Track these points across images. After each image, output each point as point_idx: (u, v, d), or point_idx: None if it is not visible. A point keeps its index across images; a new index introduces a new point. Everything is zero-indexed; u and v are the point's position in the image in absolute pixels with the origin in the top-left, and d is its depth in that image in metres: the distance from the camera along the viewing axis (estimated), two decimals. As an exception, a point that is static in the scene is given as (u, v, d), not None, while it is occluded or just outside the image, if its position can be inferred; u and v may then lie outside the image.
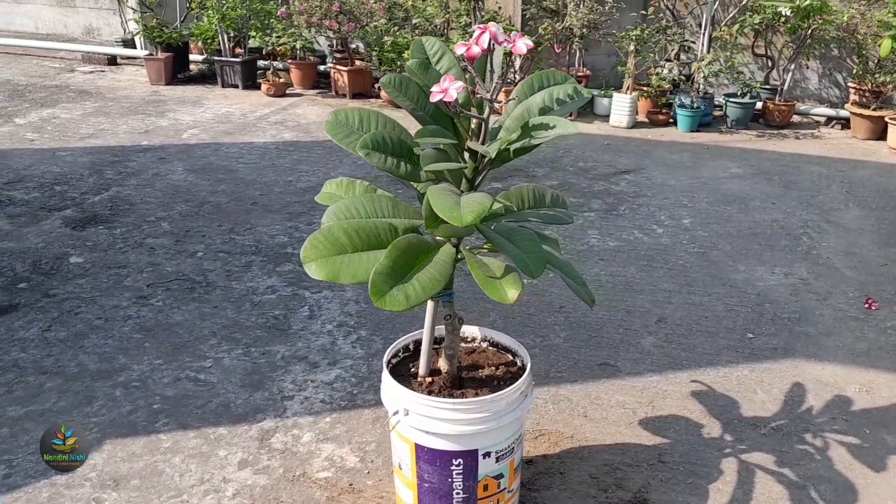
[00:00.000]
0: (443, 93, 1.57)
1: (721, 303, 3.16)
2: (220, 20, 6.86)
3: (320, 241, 1.62)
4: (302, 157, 5.04)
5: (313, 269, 1.58)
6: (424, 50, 1.81)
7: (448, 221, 1.47)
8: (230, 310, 3.03)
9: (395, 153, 1.66)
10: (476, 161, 1.75)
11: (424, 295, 1.56)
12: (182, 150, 5.12)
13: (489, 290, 1.60)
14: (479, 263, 1.66)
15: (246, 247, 3.60)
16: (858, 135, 5.80)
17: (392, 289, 1.53)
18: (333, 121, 1.74)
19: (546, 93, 1.74)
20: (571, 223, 1.95)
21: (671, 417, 2.43)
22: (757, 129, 6.05)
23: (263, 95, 6.88)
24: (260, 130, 5.71)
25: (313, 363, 2.68)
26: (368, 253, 1.64)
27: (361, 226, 1.67)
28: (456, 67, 1.79)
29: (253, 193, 4.32)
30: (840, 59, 6.26)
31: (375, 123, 1.76)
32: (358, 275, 1.59)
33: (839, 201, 4.40)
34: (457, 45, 1.60)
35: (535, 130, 1.66)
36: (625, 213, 4.13)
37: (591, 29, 6.06)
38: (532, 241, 1.70)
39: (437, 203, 1.50)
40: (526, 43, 1.63)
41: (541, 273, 1.63)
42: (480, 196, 1.57)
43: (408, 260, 1.60)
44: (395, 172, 1.65)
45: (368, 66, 6.90)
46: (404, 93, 1.70)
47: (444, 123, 1.75)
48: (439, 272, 1.62)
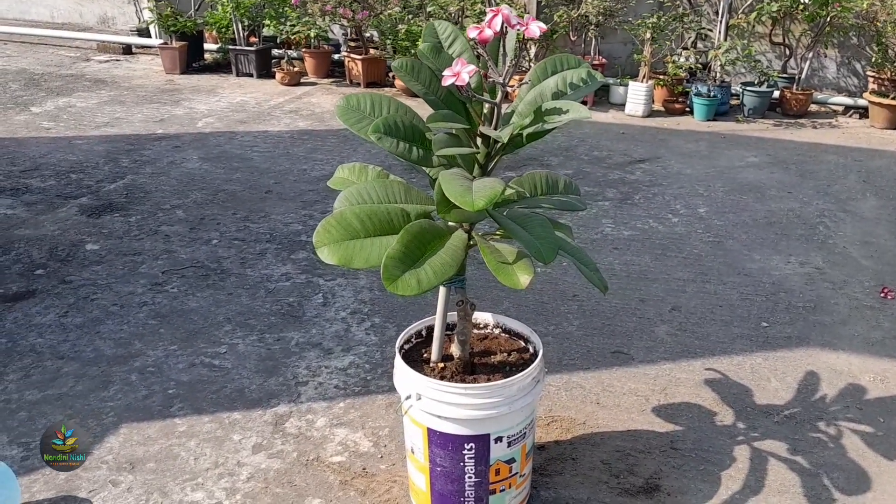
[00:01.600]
0: (455, 76, 1.57)
1: (736, 292, 3.15)
2: (234, 9, 6.88)
3: (333, 226, 1.62)
4: (316, 146, 5.05)
5: (326, 253, 1.59)
6: (436, 34, 1.81)
7: (460, 206, 1.48)
8: (245, 297, 3.05)
9: (407, 138, 1.66)
10: (488, 146, 1.75)
11: (436, 280, 1.56)
12: (197, 139, 5.14)
13: (501, 276, 1.60)
14: (490, 249, 1.66)
15: (260, 234, 3.62)
16: (877, 124, 5.74)
17: (404, 274, 1.54)
18: (345, 105, 1.74)
19: (559, 77, 1.73)
20: (584, 210, 1.95)
21: (684, 405, 2.43)
22: (774, 118, 6.00)
23: (278, 84, 6.89)
24: (274, 119, 5.72)
25: (327, 350, 2.70)
26: (381, 238, 1.64)
27: (374, 211, 1.67)
28: (468, 52, 1.79)
29: (267, 182, 4.34)
30: (859, 47, 6.19)
31: (387, 108, 1.76)
32: (370, 259, 1.60)
33: (856, 191, 4.36)
34: (469, 28, 1.60)
35: (548, 115, 1.66)
36: (639, 203, 4.11)
37: (606, 17, 6.03)
38: (544, 226, 1.70)
39: (448, 188, 1.50)
40: (539, 26, 1.62)
41: (553, 259, 1.62)
42: (492, 181, 1.57)
43: (420, 245, 1.60)
44: (406, 157, 1.65)
45: (383, 55, 6.89)
46: (416, 77, 1.70)
47: (456, 108, 1.75)
48: (451, 257, 1.62)
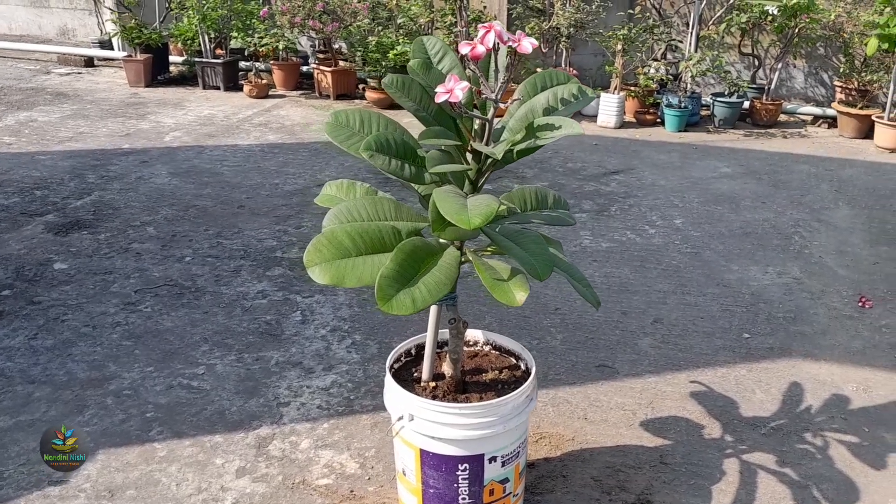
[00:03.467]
0: (448, 93, 1.54)
1: (716, 303, 3.16)
2: (200, 21, 6.78)
3: (324, 245, 1.58)
4: (288, 160, 4.99)
5: (317, 273, 1.54)
6: (425, 49, 1.78)
7: (455, 224, 1.45)
8: (221, 315, 2.97)
9: (399, 155, 1.63)
10: (479, 162, 1.72)
11: (431, 299, 1.53)
12: (165, 154, 5.05)
13: (497, 293, 1.57)
14: (485, 266, 1.63)
15: (234, 251, 3.55)
16: (845, 133, 5.84)
17: (398, 293, 1.50)
18: (334, 122, 1.70)
19: (550, 93, 1.71)
20: (574, 224, 1.93)
21: (671, 418, 2.41)
22: (744, 128, 6.07)
23: (246, 97, 6.81)
24: (244, 132, 5.64)
25: (308, 369, 2.64)
26: (373, 256, 1.60)
27: (365, 229, 1.63)
28: (458, 67, 1.77)
29: (239, 197, 4.27)
30: (826, 57, 6.30)
31: (377, 125, 1.72)
32: (363, 278, 1.56)
33: (829, 200, 4.42)
34: (461, 44, 1.57)
35: (541, 131, 1.64)
36: (616, 214, 4.12)
37: (578, 28, 6.06)
38: (538, 243, 1.67)
39: (443, 206, 1.47)
40: (531, 42, 1.61)
41: (548, 276, 1.60)
42: (486, 198, 1.54)
43: (413, 263, 1.57)
44: (399, 175, 1.61)
45: (353, 67, 6.85)
46: (407, 93, 1.66)
47: (447, 124, 1.72)
48: (445, 275, 1.58)
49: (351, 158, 5.03)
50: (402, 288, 1.52)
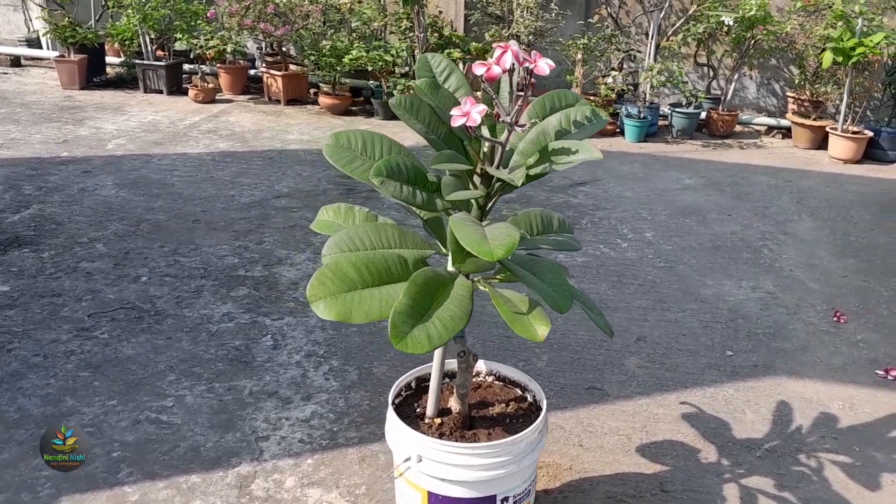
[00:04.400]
0: (464, 116, 1.44)
1: (696, 319, 3.12)
2: (141, 20, 6.50)
3: (328, 278, 1.45)
4: (241, 169, 4.79)
5: (322, 308, 1.41)
6: (430, 67, 1.67)
7: (477, 256, 1.34)
8: (185, 341, 2.79)
9: (410, 181, 1.51)
10: (488, 187, 1.62)
11: (447, 335, 1.42)
12: (109, 163, 4.79)
13: (517, 328, 1.47)
14: (503, 299, 1.52)
15: (193, 269, 3.36)
16: (800, 144, 5.94)
17: (413, 329, 1.39)
18: (334, 144, 1.57)
19: (562, 115, 1.62)
20: (579, 249, 1.84)
21: (666, 443, 2.35)
22: (701, 138, 6.12)
23: (191, 101, 6.56)
24: (192, 140, 5.41)
25: (285, 399, 2.49)
26: (380, 288, 1.49)
27: (371, 259, 1.51)
28: (465, 86, 1.66)
29: (193, 210, 4.06)
30: (778, 68, 6.41)
31: (380, 147, 1.60)
32: (371, 313, 1.44)
33: (792, 212, 4.46)
34: (475, 65, 1.48)
35: (556, 155, 1.55)
36: (587, 227, 4.06)
37: (537, 36, 6.02)
38: (556, 273, 1.58)
39: (463, 236, 1.36)
40: (548, 63, 1.52)
41: (569, 308, 1.51)
42: (505, 227, 1.44)
43: (427, 297, 1.46)
44: (410, 202, 1.50)
45: (304, 71, 6.67)
46: (416, 115, 1.55)
47: (456, 147, 1.61)
48: (460, 308, 1.48)
49: (308, 168, 4.87)
50: (416, 324, 1.40)
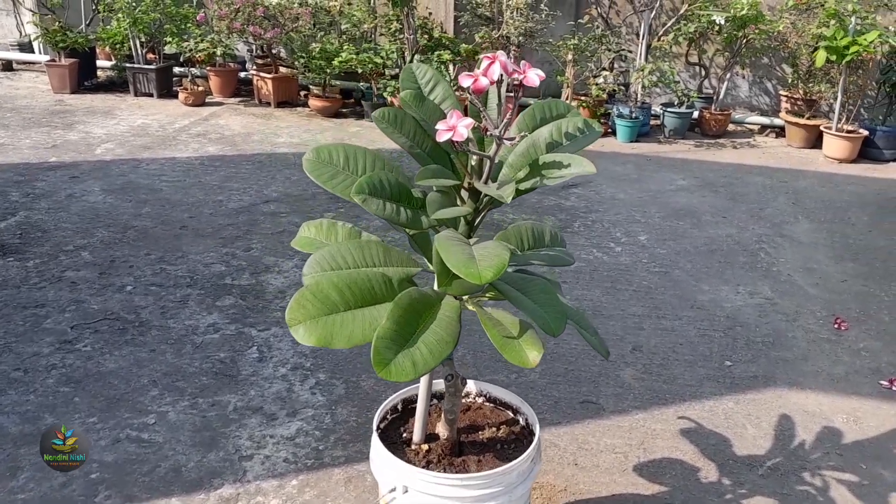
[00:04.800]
0: (451, 130, 1.36)
1: (693, 327, 3.05)
2: (131, 24, 6.42)
3: (308, 300, 1.38)
4: (230, 174, 4.71)
5: (302, 333, 1.34)
6: (415, 78, 1.59)
7: (465, 279, 1.26)
8: (170, 353, 2.72)
9: (394, 197, 1.44)
10: (477, 201, 1.55)
11: (433, 361, 1.35)
12: (97, 168, 4.71)
13: (507, 353, 1.40)
14: (492, 321, 1.45)
15: (179, 278, 3.28)
16: (794, 143, 5.88)
17: (397, 356, 1.32)
18: (315, 159, 1.50)
19: (553, 126, 1.54)
20: (573, 264, 1.77)
21: (665, 461, 2.28)
22: (694, 138, 6.06)
23: (181, 105, 6.47)
24: (182, 144, 5.33)
25: (270, 415, 2.41)
26: (363, 310, 1.41)
27: (353, 279, 1.44)
28: (451, 98, 1.59)
29: (181, 216, 3.98)
30: (770, 67, 6.34)
31: (363, 161, 1.53)
32: (353, 337, 1.37)
33: (788, 214, 4.40)
34: (461, 77, 1.40)
35: (547, 169, 1.48)
36: (580, 231, 3.99)
37: (527, 37, 5.94)
38: (548, 292, 1.51)
39: (449, 257, 1.29)
40: (538, 74, 1.44)
41: (562, 331, 1.44)
42: (494, 246, 1.37)
43: (412, 320, 1.38)
44: (395, 220, 1.42)
45: (294, 74, 6.59)
46: (399, 128, 1.47)
47: (442, 160, 1.54)
48: (447, 332, 1.40)
49: (297, 172, 4.79)
50: (400, 349, 1.33)
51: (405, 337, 1.35)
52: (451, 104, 1.58)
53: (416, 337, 1.36)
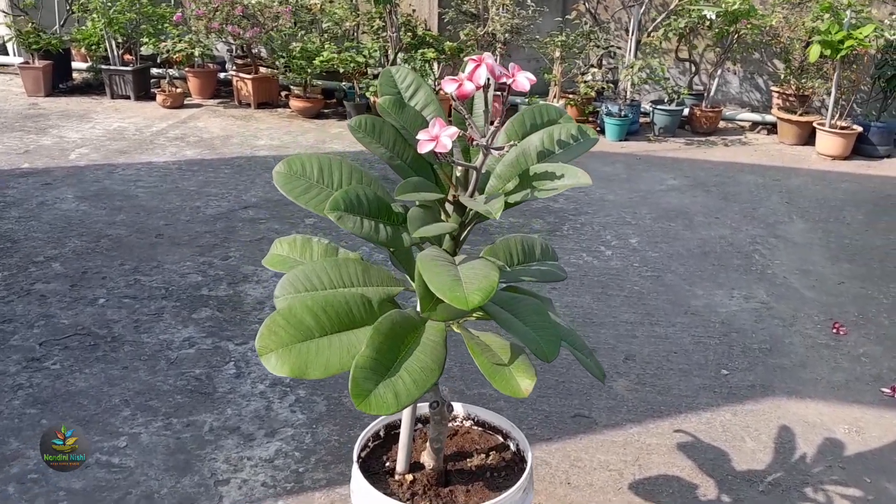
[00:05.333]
0: (433, 141, 1.25)
1: (687, 334, 2.96)
2: (106, 24, 6.25)
3: (280, 326, 1.28)
4: (209, 178, 4.58)
5: (274, 362, 1.24)
6: (395, 82, 1.48)
7: (450, 303, 1.15)
8: (143, 371, 2.59)
9: (373, 214, 1.32)
10: (462, 214, 1.44)
11: (417, 392, 1.23)
12: (71, 174, 4.56)
13: (497, 382, 1.29)
14: (480, 347, 1.34)
15: (154, 290, 3.15)
16: (786, 140, 5.80)
17: (377, 386, 1.21)
18: (286, 172, 1.38)
19: (545, 134, 1.43)
20: (566, 279, 1.66)
21: (661, 478, 2.18)
22: (684, 136, 5.97)
23: (159, 107, 6.32)
24: (159, 148, 5.19)
25: (248, 435, 2.29)
26: (340, 336, 1.30)
27: (329, 301, 1.33)
28: (434, 103, 1.48)
29: (157, 223, 3.85)
30: (761, 62, 6.27)
31: (339, 173, 1.41)
32: (330, 366, 1.26)
33: (781, 213, 4.32)
34: (445, 81, 1.29)
35: (539, 181, 1.37)
36: (569, 234, 3.89)
37: (514, 34, 5.83)
38: (540, 313, 1.40)
39: (433, 280, 1.18)
40: (528, 77, 1.34)
41: (556, 356, 1.33)
42: (482, 266, 1.25)
43: (393, 346, 1.27)
44: (374, 239, 1.31)
45: (274, 74, 6.45)
46: (378, 138, 1.36)
47: (424, 171, 1.43)
48: (432, 358, 1.29)
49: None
50: (381, 379, 1.22)
51: (386, 365, 1.24)
52: (433, 110, 1.47)
53: (398, 365, 1.25)
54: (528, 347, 1.34)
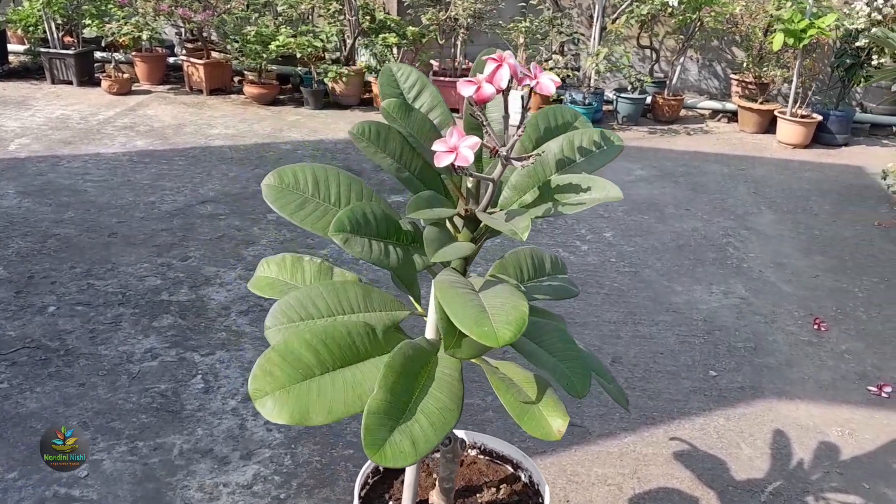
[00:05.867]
0: (452, 152, 1.12)
1: (671, 333, 2.88)
2: (45, 4, 5.89)
3: (276, 364, 1.14)
4: (162, 171, 4.34)
5: (270, 408, 1.10)
6: (396, 82, 1.34)
7: (478, 340, 1.02)
8: (102, 387, 2.40)
9: (381, 234, 1.18)
10: (474, 230, 1.31)
11: (436, 437, 1.10)
12: (10, 167, 4.27)
13: (527, 424, 1.18)
14: (505, 383, 1.22)
15: (110, 295, 2.94)
16: (747, 128, 5.79)
17: (393, 433, 1.08)
18: (277, 185, 1.23)
19: (564, 140, 1.31)
20: (577, 294, 1.55)
21: (661, 491, 2.10)
22: (647, 124, 5.91)
23: (105, 93, 6.00)
24: (107, 137, 4.90)
25: (222, 458, 2.13)
26: (344, 372, 1.17)
27: (329, 333, 1.19)
28: (441, 105, 1.34)
29: (109, 221, 3.61)
30: (720, 49, 6.24)
31: (336, 185, 1.27)
32: (334, 410, 1.13)
33: (750, 204, 4.28)
34: (461, 83, 1.16)
35: (562, 193, 1.25)
36: (543, 229, 3.79)
37: (476, 19, 5.67)
38: (565, 340, 1.29)
39: (458, 313, 1.04)
40: (552, 79, 1.21)
41: (588, 391, 1.22)
42: (506, 293, 1.13)
43: (407, 385, 1.14)
44: (384, 264, 1.17)
45: (228, 59, 6.18)
46: (384, 147, 1.21)
47: (433, 184, 1.29)
48: (449, 397, 1.16)
49: (235, 168, 4.45)
50: (396, 425, 1.09)
51: (401, 408, 1.10)
52: (440, 114, 1.33)
53: (413, 405, 1.12)
54: (558, 381, 1.23)
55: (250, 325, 2.78)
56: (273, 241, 3.48)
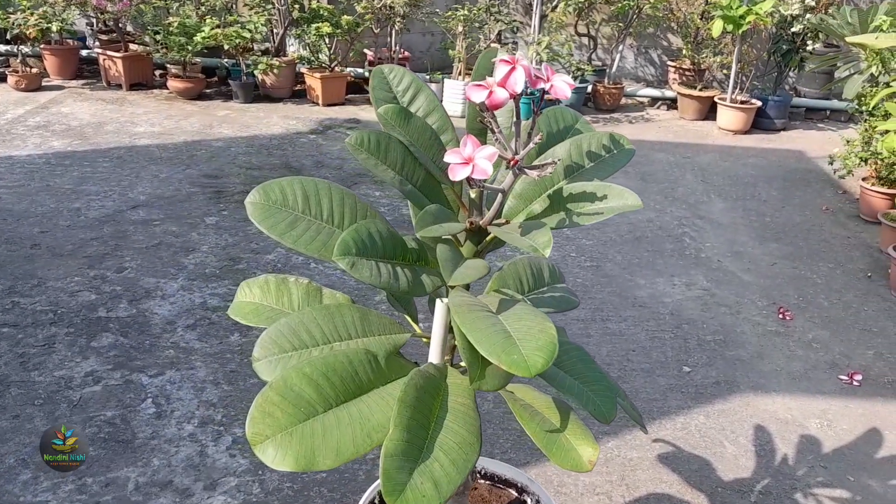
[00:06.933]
0: (467, 164, 0.99)
1: (640, 329, 2.82)
2: (-59, -5, 5.46)
3: (276, 404, 1.01)
4: (85, 174, 4.05)
5: (272, 454, 0.98)
6: (388, 85, 1.20)
7: (508, 370, 0.90)
8: (39, 419, 2.17)
9: (388, 255, 1.05)
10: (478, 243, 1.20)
11: (458, 475, 0.99)
12: (-85, 173, 3.92)
13: (556, 456, 1.07)
14: (528, 412, 1.10)
15: (39, 313, 2.70)
16: (686, 116, 5.82)
17: (413, 475, 0.95)
18: (262, 202, 1.08)
19: (572, 145, 1.20)
20: (578, 304, 1.44)
21: (651, 497, 2.02)
22: (589, 113, 5.87)
23: (12, 90, 5.60)
24: (18, 138, 4.56)
25: (183, 490, 1.95)
26: (349, 407, 1.05)
27: (330, 364, 1.06)
28: (438, 110, 1.21)
29: (30, 231, 3.33)
30: (656, 36, 6.25)
31: (328, 200, 1.12)
32: (343, 451, 1.01)
33: (700, 192, 4.28)
34: (470, 87, 1.03)
35: (575, 203, 1.14)
36: (498, 224, 3.68)
37: (412, 7, 5.51)
38: (585, 361, 1.18)
39: (483, 341, 0.93)
40: (567, 82, 1.10)
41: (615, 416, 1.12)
42: (529, 315, 1.01)
43: (423, 420, 1.02)
44: (393, 289, 1.03)
45: (148, 51, 5.85)
46: (384, 158, 1.07)
47: (436, 196, 1.16)
48: (467, 429, 1.05)
49: (165, 168, 4.20)
50: (415, 466, 0.97)
51: (419, 446, 0.99)
52: (439, 118, 1.20)
53: (430, 442, 1.00)
54: (584, 407, 1.11)
55: (199, 341, 2.58)
56: (215, 247, 3.27)
